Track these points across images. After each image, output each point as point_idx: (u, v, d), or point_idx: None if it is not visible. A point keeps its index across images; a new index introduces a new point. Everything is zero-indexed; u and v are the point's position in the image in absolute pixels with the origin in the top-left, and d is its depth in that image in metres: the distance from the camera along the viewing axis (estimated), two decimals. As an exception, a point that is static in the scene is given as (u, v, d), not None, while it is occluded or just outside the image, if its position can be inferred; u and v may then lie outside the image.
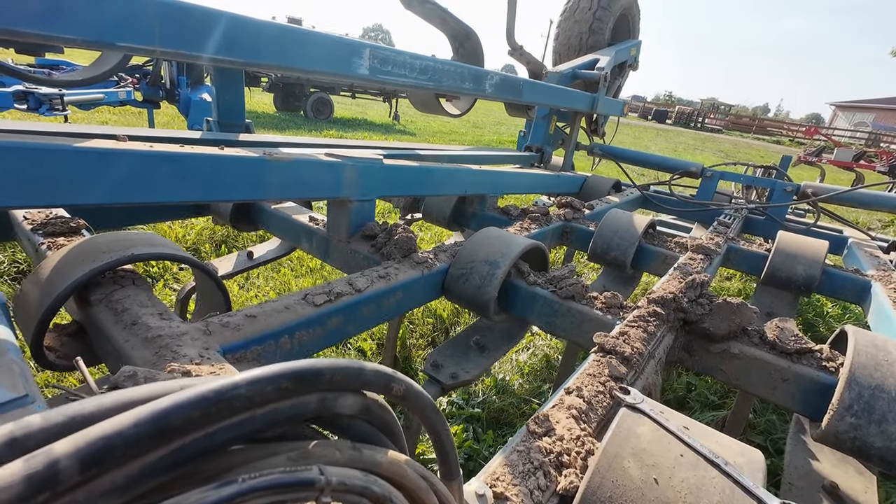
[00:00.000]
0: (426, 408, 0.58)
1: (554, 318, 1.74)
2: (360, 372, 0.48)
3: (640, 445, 0.82)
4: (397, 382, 0.52)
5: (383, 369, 0.51)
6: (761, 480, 0.76)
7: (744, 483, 0.74)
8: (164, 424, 0.33)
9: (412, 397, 0.55)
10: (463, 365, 1.91)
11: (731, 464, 0.78)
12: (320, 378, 0.44)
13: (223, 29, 1.38)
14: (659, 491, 0.75)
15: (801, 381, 1.42)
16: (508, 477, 0.80)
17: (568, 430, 0.92)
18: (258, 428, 0.41)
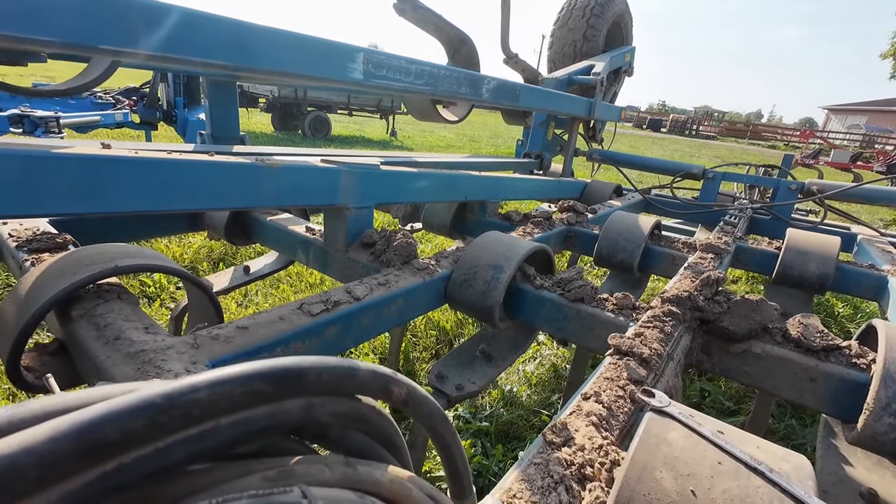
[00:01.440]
0: (433, 415, 0.50)
1: (563, 322, 1.66)
2: (353, 372, 0.41)
3: (673, 453, 0.73)
4: (398, 385, 0.45)
5: (381, 369, 0.44)
6: (812, 489, 0.67)
7: (794, 492, 0.65)
8: (94, 439, 0.26)
9: (416, 403, 0.47)
10: (468, 375, 1.82)
11: (776, 471, 0.69)
12: (304, 379, 0.37)
13: (212, 30, 1.33)
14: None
15: (831, 381, 1.34)
16: (527, 493, 0.72)
17: (589, 438, 0.84)
18: (226, 441, 0.33)
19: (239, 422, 0.33)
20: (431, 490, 0.46)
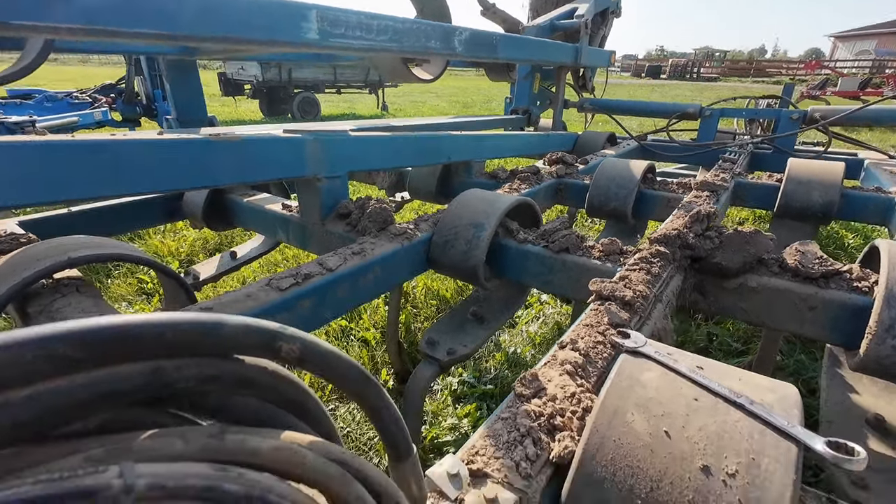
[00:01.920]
0: (347, 374, 0.44)
1: (550, 275, 1.59)
2: (213, 329, 0.34)
3: (646, 394, 0.67)
4: (287, 340, 0.38)
5: (262, 324, 0.37)
6: (797, 418, 0.61)
7: (776, 423, 0.59)
8: None
9: (317, 360, 0.41)
10: (460, 339, 1.78)
11: (758, 402, 0.63)
12: (133, 340, 0.30)
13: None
14: (672, 445, 0.61)
15: (832, 307, 1.26)
16: (490, 450, 0.67)
17: (561, 388, 0.78)
18: (31, 418, 0.27)
19: (44, 393, 0.27)
20: (340, 454, 0.40)
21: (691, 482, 0.57)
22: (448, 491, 0.59)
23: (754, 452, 0.58)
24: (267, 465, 0.34)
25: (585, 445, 0.64)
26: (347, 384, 0.44)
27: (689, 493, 0.57)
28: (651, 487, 0.59)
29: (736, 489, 0.55)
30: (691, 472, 0.58)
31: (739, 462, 0.57)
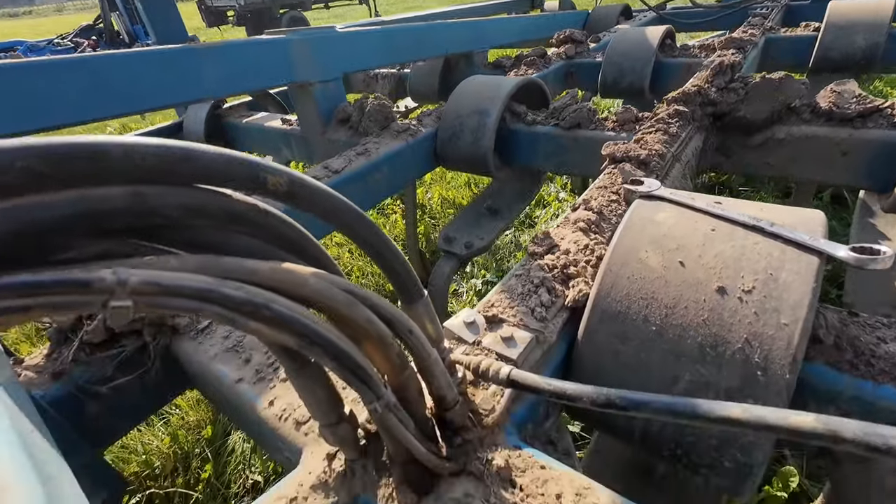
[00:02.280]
0: (337, 207, 0.43)
1: (563, 155, 1.53)
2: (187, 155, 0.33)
3: (660, 231, 0.66)
4: (272, 172, 0.37)
5: (242, 155, 0.36)
6: (821, 234, 0.59)
7: (797, 238, 0.57)
8: None
9: (306, 193, 0.40)
10: (476, 233, 1.78)
11: (778, 224, 0.61)
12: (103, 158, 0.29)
13: None
14: (686, 273, 0.60)
15: (867, 148, 1.18)
16: (505, 301, 0.68)
17: (574, 242, 0.77)
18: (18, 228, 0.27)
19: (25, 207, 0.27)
20: (346, 283, 0.41)
21: (706, 303, 0.57)
22: (465, 336, 0.62)
23: (772, 269, 0.56)
24: (266, 283, 0.35)
25: (600, 285, 0.64)
26: (339, 218, 0.43)
27: (703, 313, 0.57)
28: (666, 314, 0.59)
29: (751, 303, 0.55)
30: (706, 295, 0.58)
31: (756, 279, 0.56)
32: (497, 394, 0.55)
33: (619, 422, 0.62)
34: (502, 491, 0.46)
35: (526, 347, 0.59)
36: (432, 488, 0.46)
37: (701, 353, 0.56)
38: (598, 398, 0.40)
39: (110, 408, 0.77)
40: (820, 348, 0.58)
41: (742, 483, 0.54)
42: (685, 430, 0.57)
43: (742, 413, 0.33)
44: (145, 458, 2.00)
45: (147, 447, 2.05)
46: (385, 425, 0.42)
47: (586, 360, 0.64)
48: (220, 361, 0.71)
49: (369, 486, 0.50)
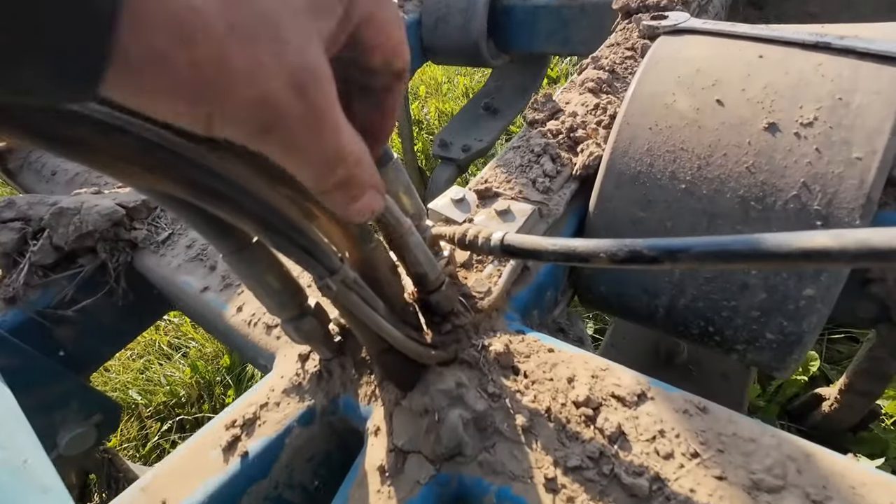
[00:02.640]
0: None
1: (566, 30, 1.32)
2: None
3: (691, 69, 0.52)
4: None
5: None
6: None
7: (877, 49, 0.44)
8: None
9: None
10: (474, 135, 1.62)
11: (850, 36, 0.46)
12: None
13: None
14: (726, 113, 0.48)
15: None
16: (502, 176, 0.57)
17: (582, 104, 0.64)
18: None
19: None
20: None
21: (751, 146, 0.45)
22: (453, 216, 0.51)
23: (842, 92, 0.43)
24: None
25: (615, 142, 0.52)
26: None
27: (748, 158, 0.45)
28: (698, 167, 0.48)
29: (812, 138, 0.43)
30: (752, 136, 0.46)
31: (820, 108, 0.44)
32: (493, 275, 0.46)
33: (640, 301, 0.53)
34: (503, 379, 0.39)
35: (527, 221, 0.49)
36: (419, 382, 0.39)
37: (743, 209, 0.45)
38: (620, 252, 0.30)
39: (84, 332, 0.72)
40: (894, 193, 0.47)
41: (787, 356, 0.46)
42: (720, 302, 0.48)
43: (833, 241, 0.23)
44: (170, 388, 2.06)
45: (170, 378, 2.10)
46: (345, 306, 0.33)
47: (600, 234, 0.54)
48: (184, 272, 0.63)
49: (349, 385, 0.43)
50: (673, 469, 0.31)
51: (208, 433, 0.42)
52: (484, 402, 0.37)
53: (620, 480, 0.31)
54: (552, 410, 0.36)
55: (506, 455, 0.35)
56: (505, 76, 1.76)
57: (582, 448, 0.34)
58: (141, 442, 1.92)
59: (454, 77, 3.89)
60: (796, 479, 0.29)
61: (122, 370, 2.12)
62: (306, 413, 0.42)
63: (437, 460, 0.35)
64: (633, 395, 0.36)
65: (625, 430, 0.34)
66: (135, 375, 2.12)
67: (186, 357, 2.18)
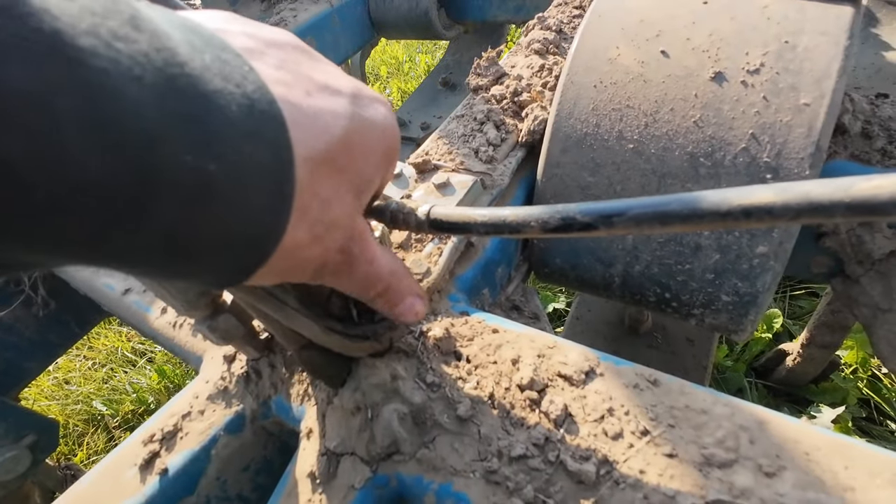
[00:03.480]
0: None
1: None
2: None
3: (635, 19, 0.48)
4: None
5: None
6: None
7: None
8: None
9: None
10: (433, 112, 1.57)
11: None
12: None
13: None
14: (671, 65, 0.44)
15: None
16: (443, 147, 0.53)
17: (528, 67, 0.60)
18: None
19: None
20: None
21: (698, 98, 0.43)
22: (390, 192, 0.47)
23: (788, 35, 0.41)
24: None
25: (560, 103, 0.49)
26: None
27: (695, 112, 0.43)
28: (645, 124, 0.45)
29: (759, 86, 0.40)
30: (698, 88, 0.43)
31: (766, 53, 0.41)
32: (434, 254, 0.43)
33: (595, 271, 0.51)
34: (443, 366, 0.36)
35: (468, 194, 0.45)
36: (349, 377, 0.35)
37: (693, 166, 0.43)
38: (551, 220, 0.27)
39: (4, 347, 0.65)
40: (843, 140, 0.45)
41: (743, 317, 0.45)
42: (674, 267, 0.46)
43: (775, 196, 0.20)
44: (136, 395, 1.98)
45: (136, 386, 2.02)
46: (246, 300, 0.29)
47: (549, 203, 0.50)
48: (104, 274, 0.57)
49: (280, 385, 0.39)
50: (622, 450, 0.29)
51: (123, 451, 0.38)
52: (422, 394, 0.34)
53: (566, 467, 0.29)
54: (496, 396, 0.33)
55: (446, 449, 0.32)
56: (462, 49, 1.70)
57: (527, 435, 0.31)
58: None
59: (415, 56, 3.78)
60: (748, 451, 0.27)
61: (83, 381, 2.02)
62: (234, 420, 0.38)
63: (373, 461, 0.32)
64: (581, 372, 0.33)
65: (571, 411, 0.31)
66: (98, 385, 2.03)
67: (152, 362, 2.09)
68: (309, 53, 0.26)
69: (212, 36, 0.20)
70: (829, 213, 0.19)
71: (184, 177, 0.17)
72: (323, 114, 0.23)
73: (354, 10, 1.36)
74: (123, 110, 0.15)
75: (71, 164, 0.14)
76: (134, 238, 0.17)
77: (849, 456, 0.26)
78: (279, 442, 0.42)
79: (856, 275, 0.48)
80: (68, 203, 0.15)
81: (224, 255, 0.20)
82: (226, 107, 0.18)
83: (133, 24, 0.16)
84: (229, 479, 0.39)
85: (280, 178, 0.20)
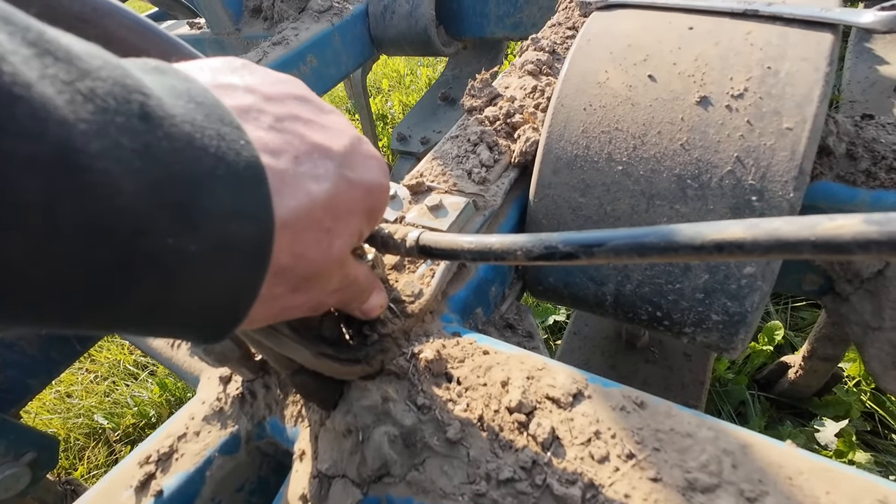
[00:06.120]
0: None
1: (518, 12, 1.29)
2: None
3: (622, 44, 0.50)
4: None
5: None
6: (835, 2, 0.44)
7: (803, 15, 0.42)
8: None
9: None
10: (433, 126, 1.59)
11: (777, 2, 0.45)
12: None
13: None
14: (658, 89, 0.45)
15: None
16: (437, 169, 0.54)
17: (521, 88, 0.61)
18: None
19: None
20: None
21: (685, 122, 0.44)
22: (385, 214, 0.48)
23: (771, 60, 0.42)
24: None
25: (550, 125, 0.50)
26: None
27: (681, 136, 0.43)
28: (634, 147, 0.46)
29: (743, 110, 0.41)
30: (684, 112, 0.44)
31: (749, 78, 0.42)
32: (426, 275, 0.43)
33: (587, 289, 0.52)
34: (434, 388, 0.36)
35: (460, 216, 0.46)
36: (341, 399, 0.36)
37: (680, 187, 0.44)
38: (535, 248, 0.28)
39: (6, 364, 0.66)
40: (829, 161, 0.46)
41: (734, 336, 0.45)
42: (664, 286, 0.46)
43: (745, 232, 0.21)
44: (138, 409, 1.98)
45: (137, 399, 2.02)
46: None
47: (541, 223, 0.51)
48: (105, 294, 0.58)
49: (274, 406, 0.40)
50: (608, 473, 0.29)
51: (120, 472, 0.38)
52: (412, 416, 0.34)
53: (552, 491, 0.29)
54: (485, 419, 0.34)
55: (436, 472, 0.32)
56: (461, 64, 1.72)
57: (515, 458, 0.31)
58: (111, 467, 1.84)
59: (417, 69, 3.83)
60: (731, 476, 0.27)
61: (85, 395, 2.03)
62: (230, 440, 0.39)
63: (364, 483, 0.33)
64: (569, 395, 0.34)
65: (559, 434, 0.32)
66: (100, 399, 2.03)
67: (154, 375, 2.10)
68: (309, 104, 0.26)
69: (214, 105, 0.21)
70: (796, 250, 0.20)
71: (164, 259, 0.18)
72: (308, 180, 0.24)
73: (355, 27, 1.39)
74: (118, 207, 0.16)
75: (64, 259, 0.15)
76: (116, 313, 0.18)
77: (831, 480, 0.27)
78: (274, 462, 0.43)
79: (846, 293, 0.48)
80: (57, 290, 0.16)
81: (200, 320, 0.21)
82: (215, 190, 0.19)
83: (142, 114, 0.17)
84: (224, 500, 0.39)
85: (258, 247, 0.21)
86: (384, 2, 1.36)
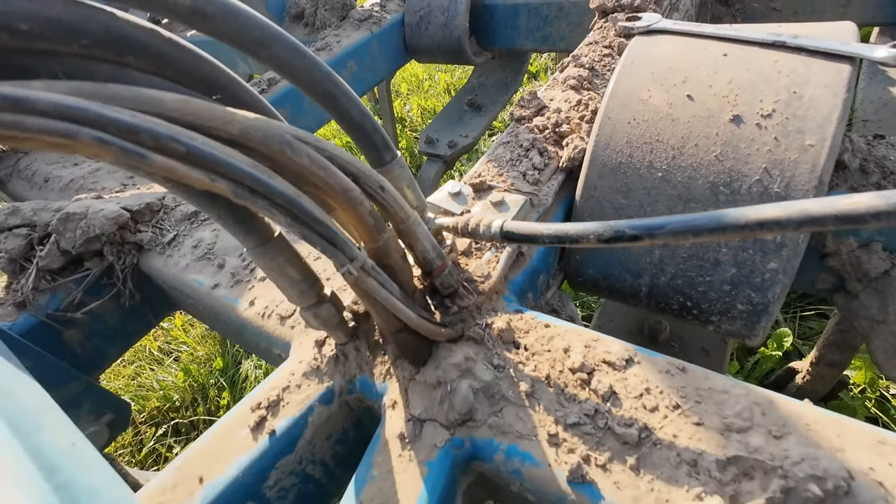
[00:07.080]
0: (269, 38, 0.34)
1: (547, 26, 1.37)
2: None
3: (664, 66, 0.57)
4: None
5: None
6: (853, 39, 0.51)
7: (825, 47, 0.49)
8: None
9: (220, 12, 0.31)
10: (459, 131, 1.66)
11: (803, 35, 0.52)
12: None
13: None
14: (695, 107, 0.53)
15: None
16: (494, 170, 0.61)
17: (565, 101, 0.68)
18: None
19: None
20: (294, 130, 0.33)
21: (719, 137, 0.50)
22: (452, 208, 0.55)
23: (796, 85, 0.49)
24: (176, 116, 0.27)
25: (597, 136, 0.57)
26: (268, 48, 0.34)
27: (716, 148, 0.50)
28: (673, 156, 0.53)
29: (771, 128, 0.48)
30: (719, 128, 0.51)
31: (777, 100, 0.49)
32: (492, 261, 0.50)
33: (625, 281, 0.58)
34: (506, 352, 0.43)
35: (520, 210, 0.53)
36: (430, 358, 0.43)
37: (713, 193, 0.51)
38: (605, 232, 0.35)
39: (92, 333, 0.74)
40: (844, 175, 0.53)
41: (756, 324, 0.52)
42: (696, 279, 0.53)
43: (781, 210, 0.27)
44: (163, 393, 2.06)
45: (163, 383, 2.10)
46: (364, 290, 0.37)
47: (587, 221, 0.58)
48: (192, 271, 0.66)
49: (364, 366, 0.47)
50: (658, 419, 0.36)
51: (235, 416, 0.46)
52: (490, 373, 0.41)
53: (614, 431, 0.36)
54: (551, 377, 0.41)
55: (512, 417, 0.39)
56: (487, 73, 1.80)
57: (579, 407, 0.38)
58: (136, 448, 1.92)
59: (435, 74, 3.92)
60: (761, 420, 0.34)
61: (113, 377, 2.11)
62: (326, 393, 0.46)
63: (451, 426, 0.40)
64: (622, 360, 0.40)
65: (616, 389, 0.39)
66: (126, 382, 2.11)
67: (178, 361, 2.18)
68: None
69: None
70: (822, 223, 0.27)
71: None
72: None
73: (392, 36, 1.47)
74: None
75: None
76: None
77: (841, 426, 0.33)
78: (356, 418, 0.50)
79: (855, 291, 0.55)
80: None
81: None
82: None
83: None
84: (317, 445, 0.46)
85: None
86: (420, 12, 1.44)
